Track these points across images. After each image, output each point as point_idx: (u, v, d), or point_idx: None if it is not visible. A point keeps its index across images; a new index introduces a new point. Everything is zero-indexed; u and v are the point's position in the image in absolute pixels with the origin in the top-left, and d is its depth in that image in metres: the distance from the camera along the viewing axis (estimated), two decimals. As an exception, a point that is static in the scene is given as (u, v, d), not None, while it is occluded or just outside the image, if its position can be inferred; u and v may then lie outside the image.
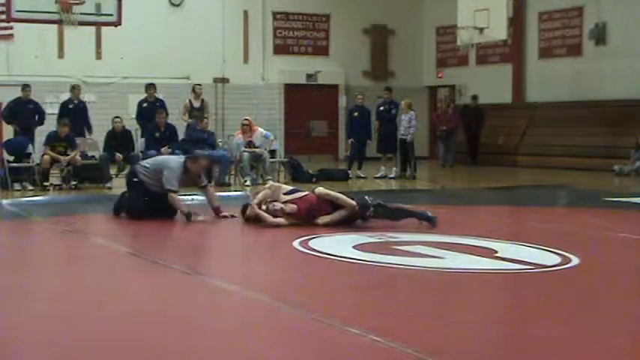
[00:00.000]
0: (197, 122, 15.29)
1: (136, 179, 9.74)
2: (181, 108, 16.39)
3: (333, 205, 8.85)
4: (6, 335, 4.60)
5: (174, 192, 9.41)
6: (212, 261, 7.36)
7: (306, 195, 9.01)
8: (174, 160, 9.77)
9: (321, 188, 9.18)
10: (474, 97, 21.18)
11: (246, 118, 15.77)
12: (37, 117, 15.31)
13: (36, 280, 6.49)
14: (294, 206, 8.80)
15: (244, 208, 9.22)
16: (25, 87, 15.41)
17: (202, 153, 10.36)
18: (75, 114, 15.18)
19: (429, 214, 8.99)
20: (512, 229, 9.87)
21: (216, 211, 9.61)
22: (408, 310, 5.27)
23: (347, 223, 8.75)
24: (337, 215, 8.79)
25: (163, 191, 9.40)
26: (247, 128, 15.27)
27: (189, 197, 10.59)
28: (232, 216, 9.49)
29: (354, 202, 8.82)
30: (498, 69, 22.19)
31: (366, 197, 9.15)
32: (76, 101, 15.81)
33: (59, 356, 4.24)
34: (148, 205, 9.45)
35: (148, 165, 9.86)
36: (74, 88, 16.03)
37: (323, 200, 8.86)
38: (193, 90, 16.58)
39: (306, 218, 8.76)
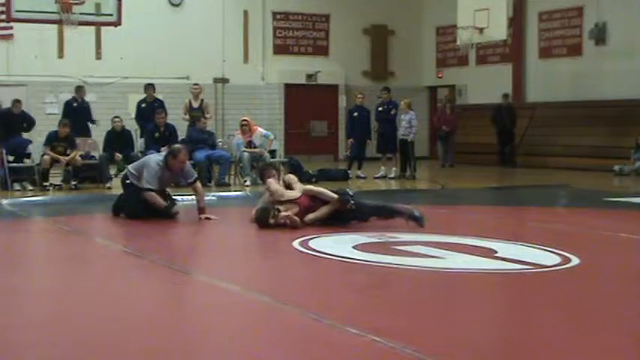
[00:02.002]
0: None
1: (128, 181, 9.77)
2: (182, 108, 16.44)
3: (326, 203, 8.83)
4: (5, 335, 4.60)
5: (151, 190, 9.35)
6: (212, 261, 7.35)
7: (299, 197, 8.98)
8: (154, 159, 9.70)
9: (306, 186, 9.16)
10: (506, 96, 20.50)
11: (245, 118, 15.72)
12: (25, 125, 15.24)
13: (35, 280, 6.50)
14: (297, 208, 8.78)
15: (263, 214, 8.78)
16: (16, 102, 15.20)
17: (179, 147, 9.84)
18: (79, 112, 15.23)
19: (416, 212, 8.77)
20: (512, 229, 9.86)
21: (201, 211, 9.54)
22: (408, 310, 5.26)
23: (338, 221, 8.71)
24: (320, 212, 8.73)
25: (145, 190, 9.41)
26: (246, 129, 15.25)
27: (180, 198, 10.55)
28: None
29: (335, 195, 8.80)
30: (498, 69, 22.20)
31: (348, 190, 9.08)
32: (79, 100, 15.84)
33: (58, 356, 4.23)
34: (144, 205, 9.43)
35: (133, 168, 9.88)
36: (80, 89, 16.07)
37: (314, 198, 8.83)
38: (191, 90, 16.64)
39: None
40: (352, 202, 8.74)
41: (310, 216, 8.72)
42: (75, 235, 8.98)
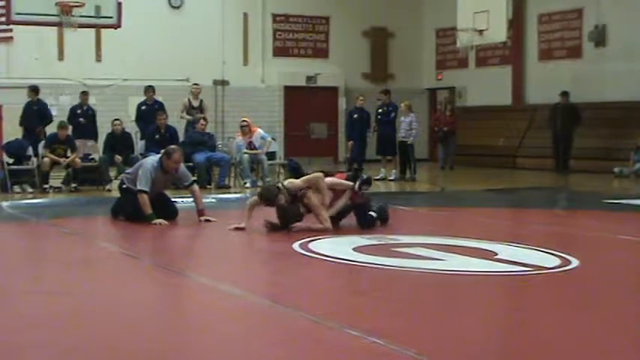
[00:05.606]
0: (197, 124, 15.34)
1: (124, 186, 9.76)
2: (180, 106, 16.47)
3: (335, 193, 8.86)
4: (5, 336, 4.60)
5: (144, 192, 9.31)
6: (211, 263, 7.34)
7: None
8: (150, 161, 9.68)
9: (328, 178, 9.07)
10: (565, 94, 18.99)
11: (244, 119, 15.72)
12: (40, 118, 15.29)
13: (34, 281, 6.48)
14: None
15: (267, 193, 8.73)
16: (31, 92, 15.40)
17: (174, 147, 9.84)
18: (84, 120, 15.26)
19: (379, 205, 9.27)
20: (512, 231, 9.86)
21: (200, 214, 9.53)
22: (408, 312, 5.26)
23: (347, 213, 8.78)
24: (335, 208, 8.73)
25: (138, 191, 9.40)
26: (246, 129, 15.25)
27: (180, 200, 10.54)
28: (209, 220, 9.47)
29: (351, 183, 8.82)
30: (498, 71, 22.21)
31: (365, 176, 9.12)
32: (84, 107, 15.83)
33: (57, 357, 4.23)
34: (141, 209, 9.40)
35: (129, 171, 9.88)
36: (83, 95, 16.06)
37: (333, 190, 8.82)
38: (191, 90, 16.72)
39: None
40: (366, 184, 8.84)
41: (331, 211, 8.72)
42: (74, 237, 8.97)
